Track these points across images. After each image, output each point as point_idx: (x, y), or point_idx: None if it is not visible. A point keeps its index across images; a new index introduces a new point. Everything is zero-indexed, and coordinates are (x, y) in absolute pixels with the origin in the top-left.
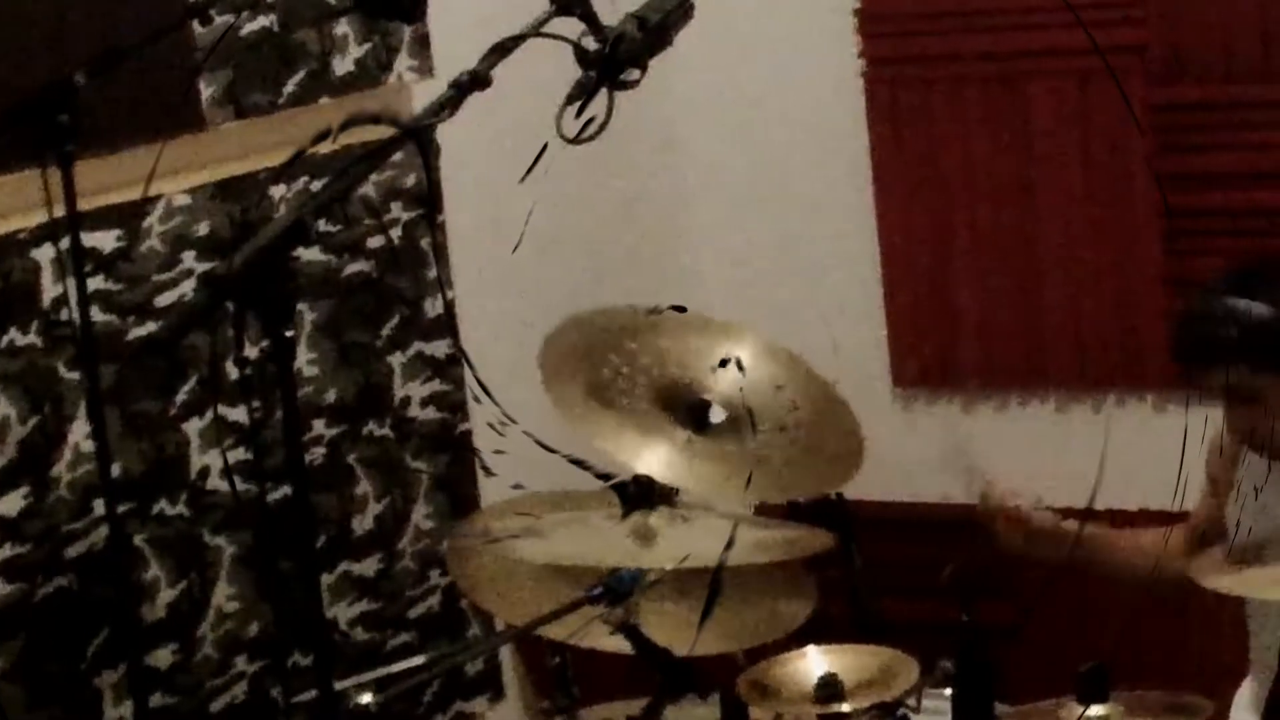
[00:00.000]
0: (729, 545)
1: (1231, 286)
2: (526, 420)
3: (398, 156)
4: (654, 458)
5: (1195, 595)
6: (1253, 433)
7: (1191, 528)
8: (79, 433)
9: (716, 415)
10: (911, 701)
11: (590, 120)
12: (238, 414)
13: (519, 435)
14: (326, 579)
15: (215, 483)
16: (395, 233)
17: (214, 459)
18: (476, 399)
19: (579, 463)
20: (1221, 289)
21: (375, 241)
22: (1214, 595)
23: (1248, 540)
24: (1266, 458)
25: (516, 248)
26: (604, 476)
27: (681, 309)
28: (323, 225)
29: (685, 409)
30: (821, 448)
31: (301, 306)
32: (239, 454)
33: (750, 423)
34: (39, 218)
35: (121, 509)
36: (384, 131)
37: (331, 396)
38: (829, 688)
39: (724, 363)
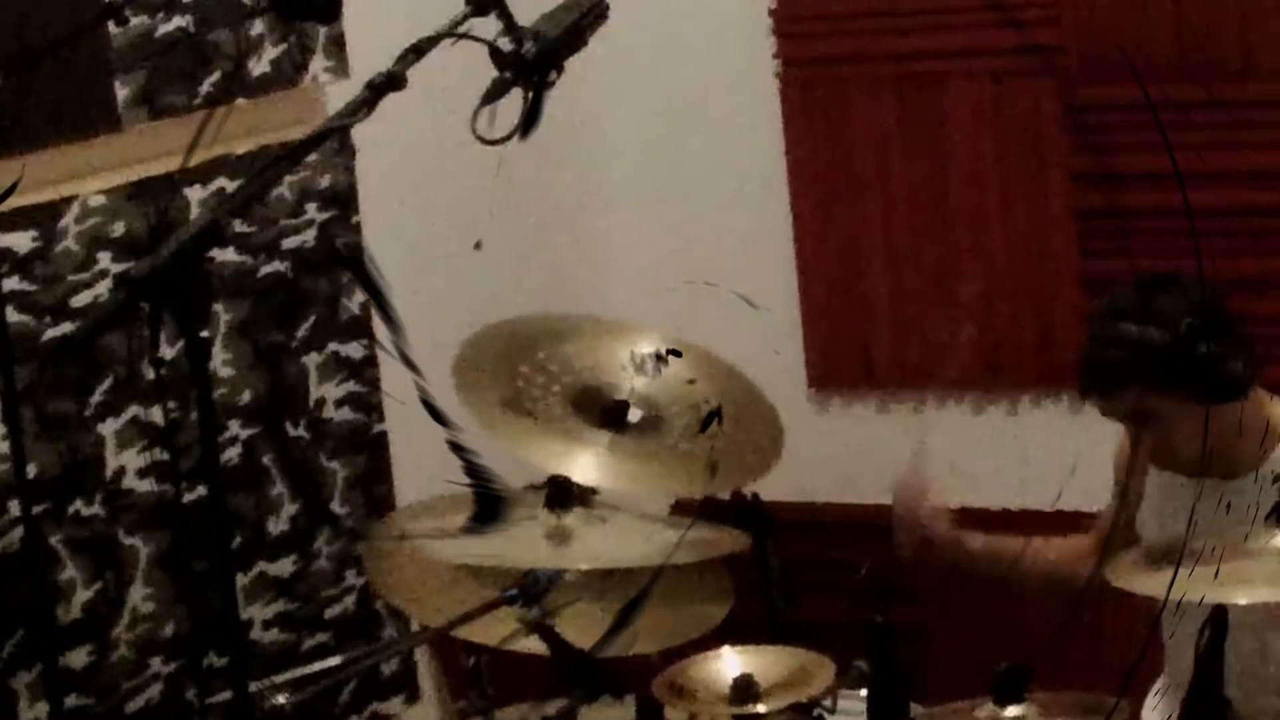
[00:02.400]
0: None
1: (1120, 311)
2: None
3: (313, 157)
4: (577, 462)
5: (1107, 598)
6: (1157, 451)
7: (1101, 531)
8: None
9: (634, 415)
10: (827, 702)
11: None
12: (154, 414)
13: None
14: (242, 580)
15: (131, 483)
16: (310, 233)
17: (129, 459)
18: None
19: (458, 449)
20: (1110, 315)
21: (291, 242)
22: (1128, 596)
23: (1161, 542)
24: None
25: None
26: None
27: None
28: (239, 226)
29: (602, 411)
30: (739, 439)
31: (217, 307)
32: (155, 454)
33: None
34: None
35: (37, 509)
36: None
37: (247, 397)
38: (744, 688)
39: (660, 357)
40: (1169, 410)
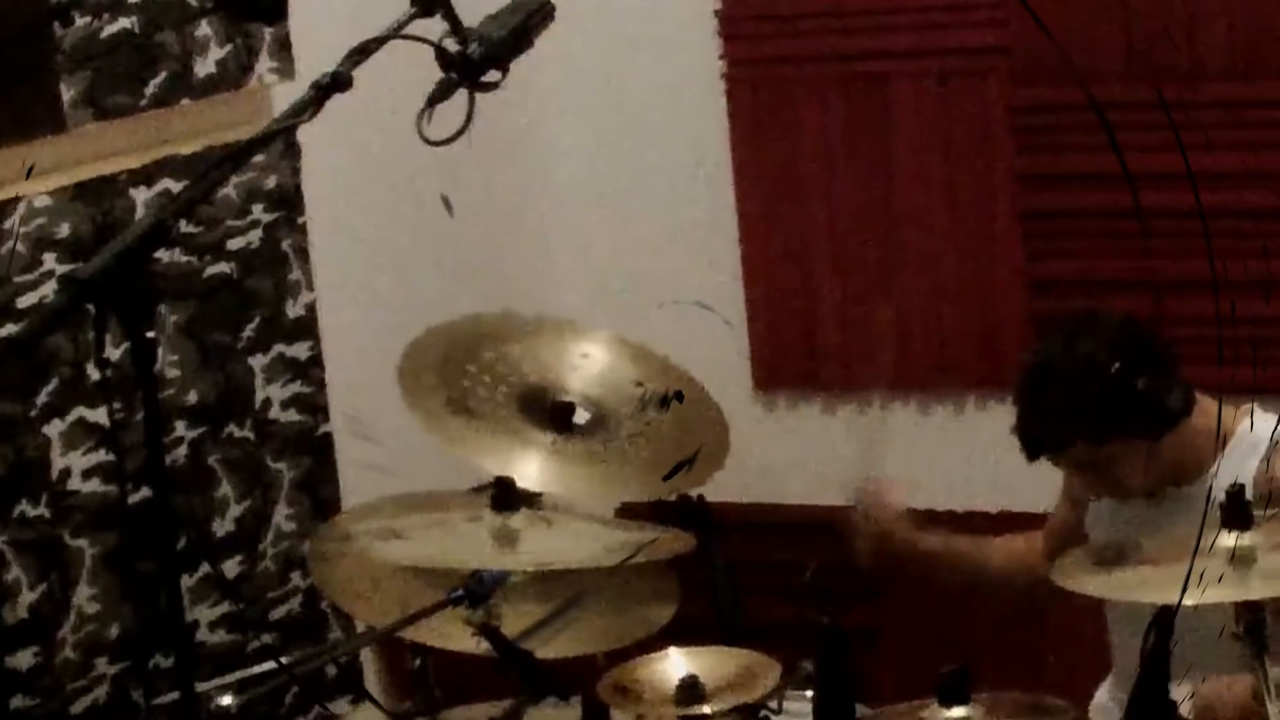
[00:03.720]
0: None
1: (1045, 368)
2: (390, 426)
3: (258, 158)
4: (523, 464)
5: (1056, 599)
6: (1112, 490)
7: (1050, 532)
8: None
9: (580, 416)
10: (773, 703)
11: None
12: (99, 415)
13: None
14: (187, 581)
15: (76, 484)
16: (256, 234)
17: (75, 460)
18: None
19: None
20: (1037, 374)
21: (236, 243)
22: (1074, 597)
23: (1109, 543)
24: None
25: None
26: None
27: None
28: (184, 226)
29: (549, 413)
30: (685, 440)
31: (163, 308)
32: (100, 456)
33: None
34: None
35: None
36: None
37: (193, 398)
38: (690, 689)
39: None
40: (1116, 453)
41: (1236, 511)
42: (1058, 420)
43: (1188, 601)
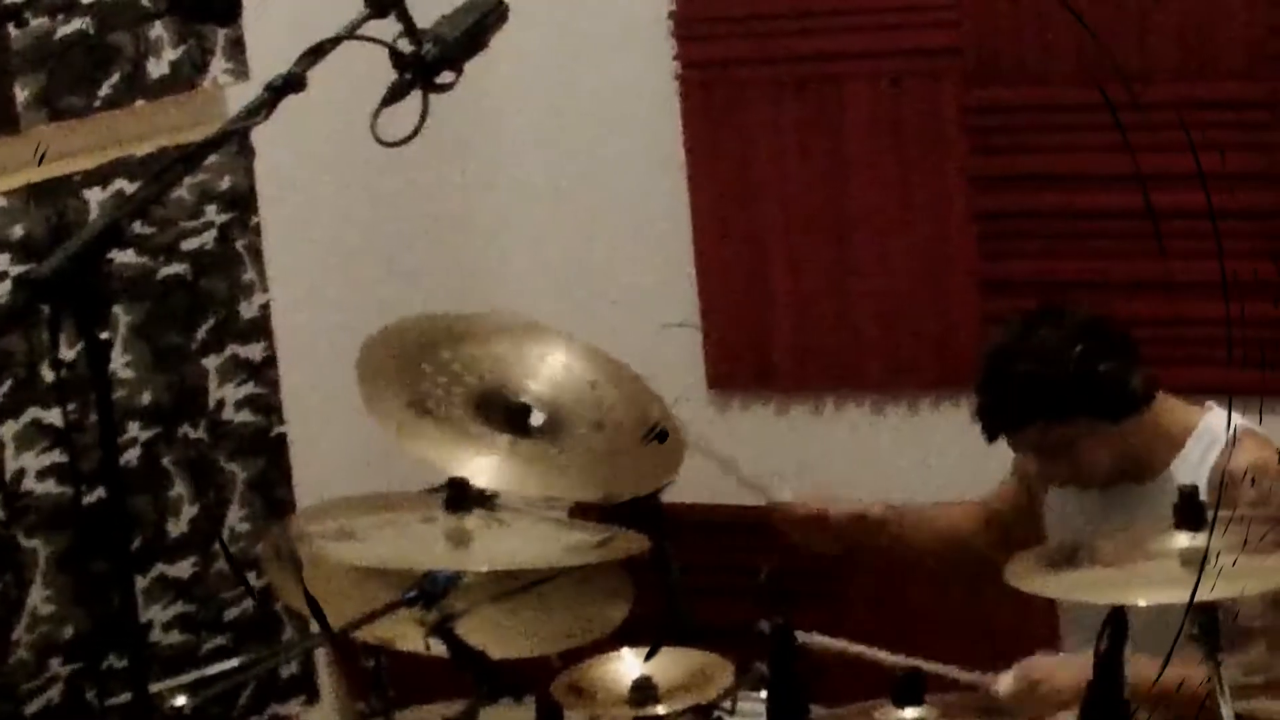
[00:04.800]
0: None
1: (1007, 350)
2: (347, 423)
3: (212, 159)
4: (478, 464)
5: (988, 575)
6: (1068, 476)
7: (988, 507)
8: None
9: (536, 418)
10: (727, 704)
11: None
12: (53, 416)
13: (335, 438)
14: (141, 582)
15: (30, 485)
16: (210, 235)
17: (29, 461)
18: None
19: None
20: (998, 355)
21: (190, 244)
22: (1025, 597)
23: (1062, 543)
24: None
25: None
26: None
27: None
28: (138, 227)
29: (505, 414)
30: (641, 444)
31: (117, 309)
32: (55, 456)
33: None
34: None
35: None
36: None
37: (146, 399)
38: (644, 690)
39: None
40: (1076, 434)
41: (1190, 512)
42: (1018, 397)
43: (1140, 601)
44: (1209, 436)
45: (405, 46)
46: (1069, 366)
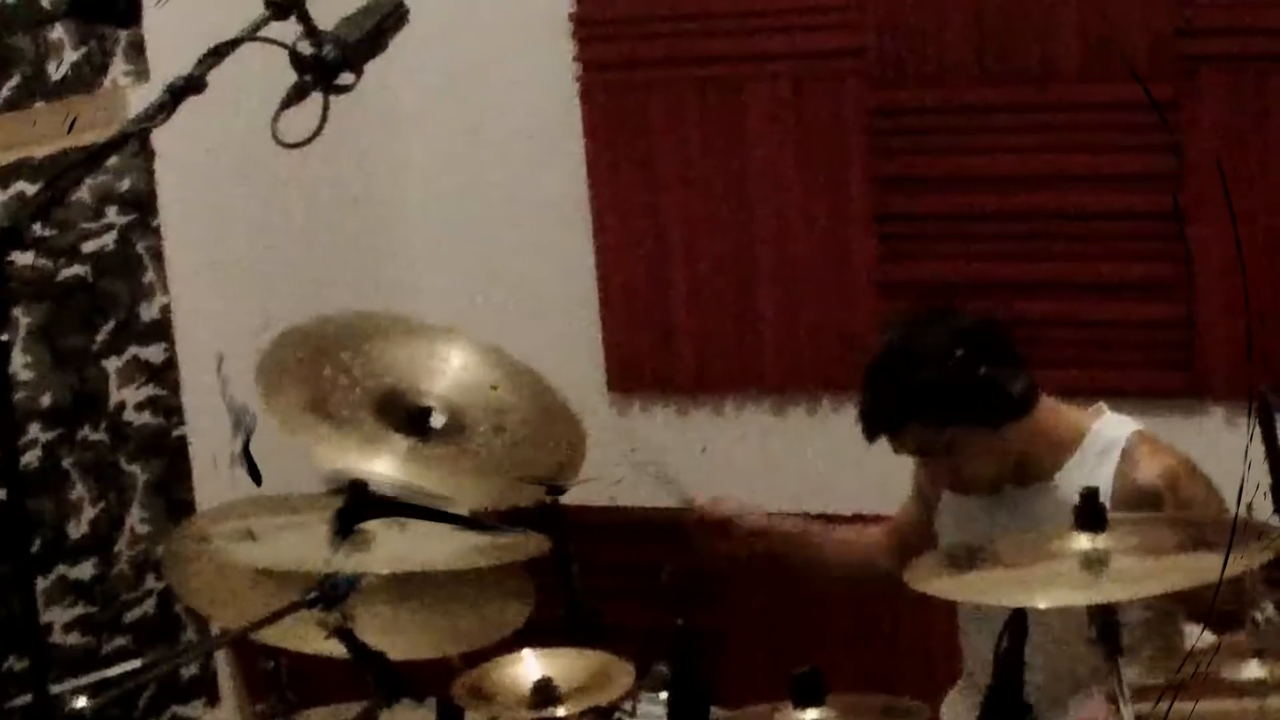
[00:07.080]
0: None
1: (889, 352)
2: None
3: (112, 160)
4: (378, 467)
5: (893, 592)
6: (952, 481)
7: (894, 527)
8: None
9: (437, 421)
10: (627, 705)
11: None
12: None
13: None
14: (42, 583)
15: None
16: (110, 237)
17: None
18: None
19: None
20: (880, 357)
21: (90, 246)
22: (926, 598)
23: (960, 545)
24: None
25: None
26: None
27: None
28: (38, 229)
29: (406, 416)
30: (541, 446)
31: (16, 310)
32: None
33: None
34: None
35: None
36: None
37: (46, 400)
38: (545, 692)
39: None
40: (955, 439)
41: (1090, 514)
42: (895, 399)
43: (1040, 604)
44: (1101, 442)
45: (305, 48)
46: (948, 371)
